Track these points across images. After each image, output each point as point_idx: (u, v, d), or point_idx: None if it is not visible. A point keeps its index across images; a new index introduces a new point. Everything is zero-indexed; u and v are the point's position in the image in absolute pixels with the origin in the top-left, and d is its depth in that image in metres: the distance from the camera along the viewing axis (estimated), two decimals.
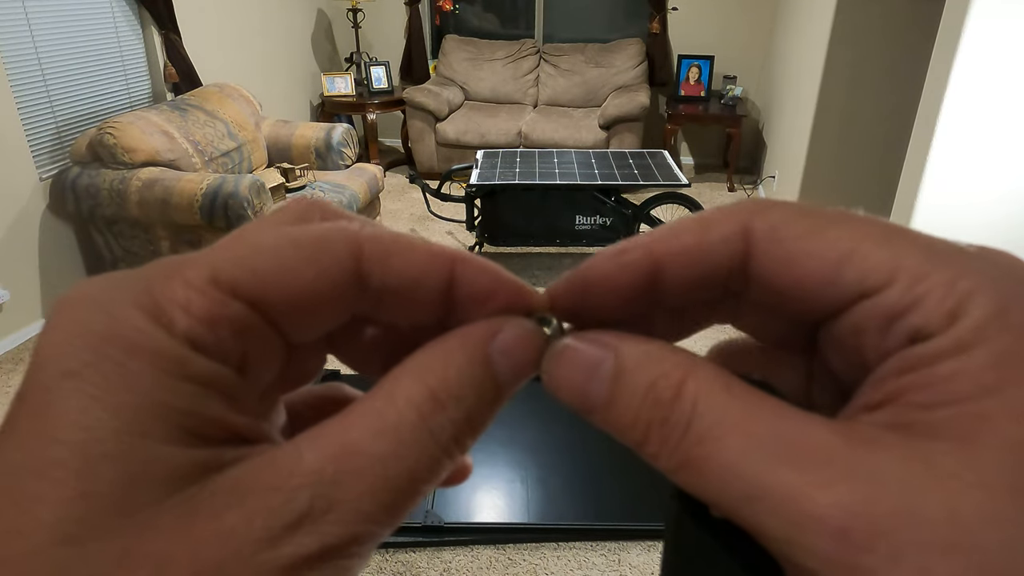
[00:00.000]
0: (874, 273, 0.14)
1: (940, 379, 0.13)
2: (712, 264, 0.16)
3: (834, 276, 0.15)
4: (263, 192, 3.07)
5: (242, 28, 4.56)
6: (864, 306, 0.15)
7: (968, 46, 1.94)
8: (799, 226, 0.16)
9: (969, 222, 2.12)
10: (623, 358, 0.16)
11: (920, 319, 0.14)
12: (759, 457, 0.13)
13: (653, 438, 0.15)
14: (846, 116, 3.59)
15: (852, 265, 0.15)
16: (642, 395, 0.15)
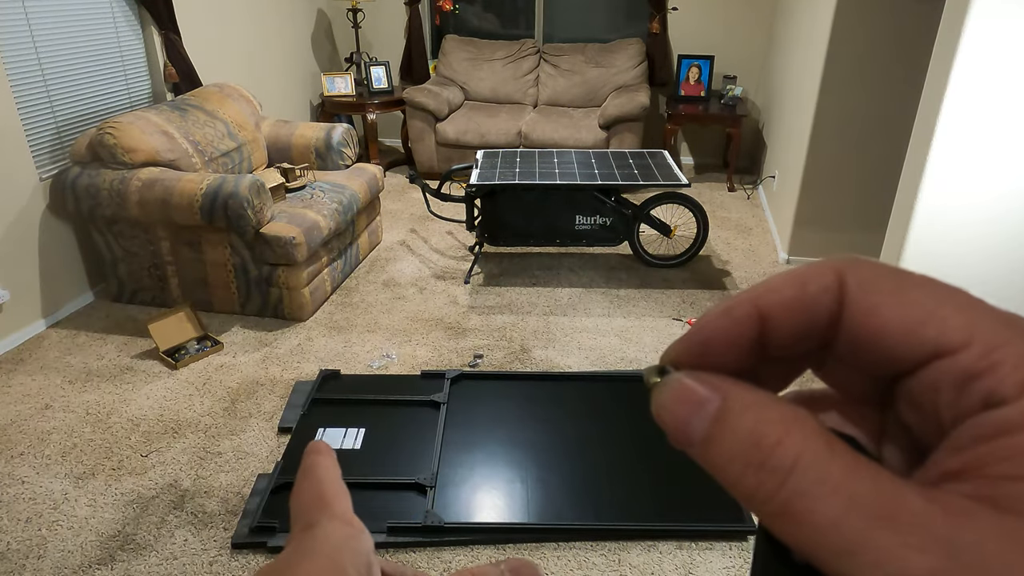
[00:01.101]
0: (953, 334, 0.16)
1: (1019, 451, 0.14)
2: (812, 315, 0.18)
3: (916, 332, 0.16)
4: (263, 192, 3.07)
5: (242, 28, 4.56)
6: (941, 364, 0.16)
7: (968, 46, 1.94)
8: (888, 283, 0.17)
9: (969, 218, 2.12)
10: (730, 400, 0.17)
11: (994, 384, 0.15)
12: (860, 517, 0.14)
13: (749, 481, 0.16)
14: (846, 116, 3.59)
15: (933, 324, 0.16)
16: (743, 438, 0.16)
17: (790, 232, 3.93)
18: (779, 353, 0.19)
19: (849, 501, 0.15)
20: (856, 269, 0.18)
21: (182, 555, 2.04)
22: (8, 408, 2.69)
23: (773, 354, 0.19)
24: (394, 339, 3.17)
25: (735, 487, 0.16)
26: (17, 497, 2.25)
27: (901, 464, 0.18)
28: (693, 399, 0.18)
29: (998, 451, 0.14)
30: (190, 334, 3.06)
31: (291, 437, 2.49)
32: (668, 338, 3.19)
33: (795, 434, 0.16)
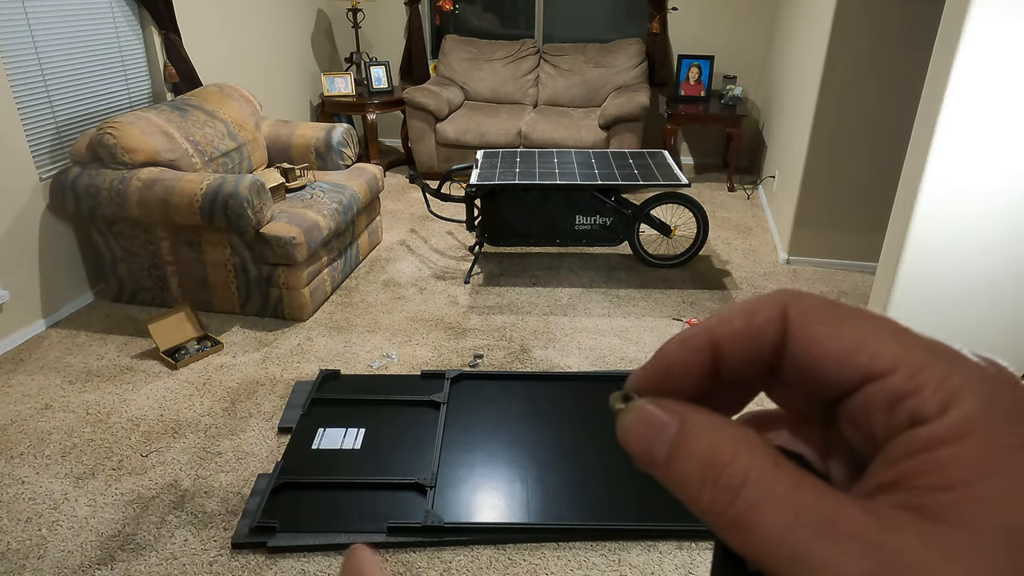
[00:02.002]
0: (882, 360, 0.18)
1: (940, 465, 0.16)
2: (759, 343, 0.20)
3: (851, 359, 0.18)
4: (263, 192, 3.07)
5: (242, 28, 4.56)
6: (873, 387, 0.18)
7: (968, 46, 1.94)
8: (826, 314, 0.19)
9: (969, 218, 2.12)
10: (687, 424, 0.19)
11: (918, 404, 0.17)
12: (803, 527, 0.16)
13: (705, 496, 0.18)
14: (846, 116, 3.59)
15: (865, 351, 0.18)
16: (699, 458, 0.18)
17: (790, 232, 3.93)
18: (731, 378, 0.21)
19: (794, 513, 0.16)
20: (798, 302, 0.20)
21: (182, 555, 2.04)
22: (8, 408, 2.69)
23: (727, 379, 0.21)
24: (394, 339, 3.17)
25: (693, 503, 0.18)
26: (17, 497, 2.25)
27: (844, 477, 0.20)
28: (654, 423, 0.20)
29: (922, 465, 0.16)
30: (190, 334, 3.06)
31: (291, 437, 2.49)
32: (668, 338, 3.19)
33: (745, 453, 0.18)
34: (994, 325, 2.23)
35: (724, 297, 3.57)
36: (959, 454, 0.16)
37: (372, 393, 2.74)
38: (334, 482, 2.27)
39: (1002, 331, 2.23)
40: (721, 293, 3.62)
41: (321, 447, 2.44)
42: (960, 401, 0.16)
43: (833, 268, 3.92)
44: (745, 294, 3.61)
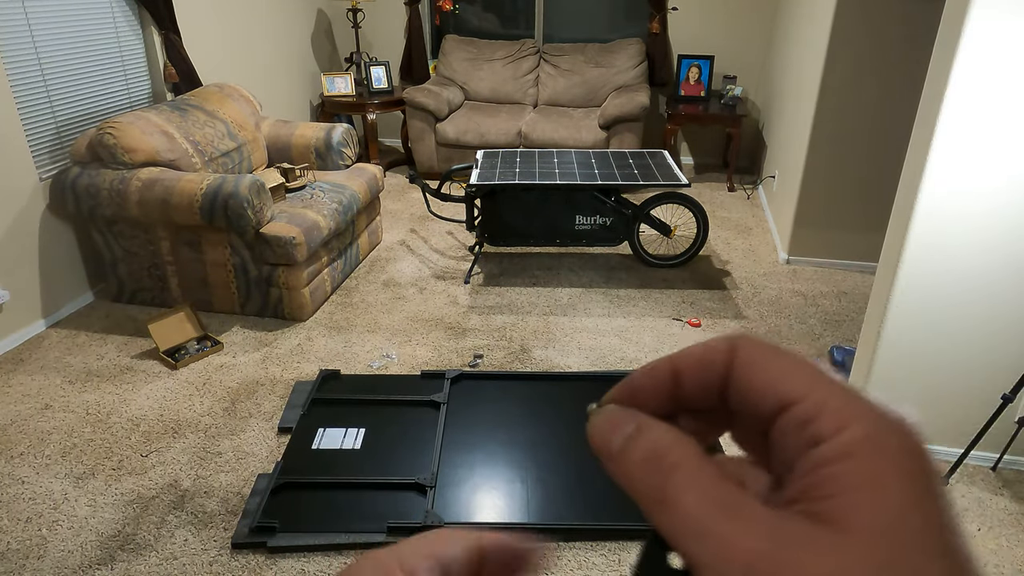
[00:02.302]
0: (796, 391, 0.21)
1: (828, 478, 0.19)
2: (710, 370, 0.23)
3: (773, 388, 0.22)
4: (263, 192, 3.07)
5: (242, 28, 4.56)
6: (787, 414, 0.21)
7: (968, 45, 1.94)
8: (764, 352, 0.23)
9: (969, 217, 2.12)
10: (642, 425, 0.23)
11: (819, 427, 0.20)
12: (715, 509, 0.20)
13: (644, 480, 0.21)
14: (846, 116, 3.59)
15: (784, 383, 0.21)
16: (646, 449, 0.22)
17: (790, 232, 3.93)
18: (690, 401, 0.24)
19: (709, 498, 0.20)
20: (745, 341, 0.23)
21: (182, 555, 2.04)
22: (8, 408, 2.69)
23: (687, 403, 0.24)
24: (394, 339, 3.17)
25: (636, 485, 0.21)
26: (17, 497, 2.25)
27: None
28: (616, 422, 0.23)
29: (816, 478, 0.19)
30: (190, 334, 3.06)
31: (291, 437, 2.49)
32: (668, 338, 3.19)
33: (680, 449, 0.22)
34: (994, 325, 2.23)
35: (724, 297, 3.57)
36: (844, 469, 0.19)
37: (372, 393, 2.74)
38: (334, 482, 2.27)
39: (1002, 331, 2.23)
40: (721, 293, 3.62)
41: (321, 447, 2.44)
42: (851, 426, 0.19)
43: (833, 268, 3.92)
44: (745, 294, 3.61)
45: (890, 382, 2.39)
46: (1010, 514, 2.23)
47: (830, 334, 3.25)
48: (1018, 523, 2.20)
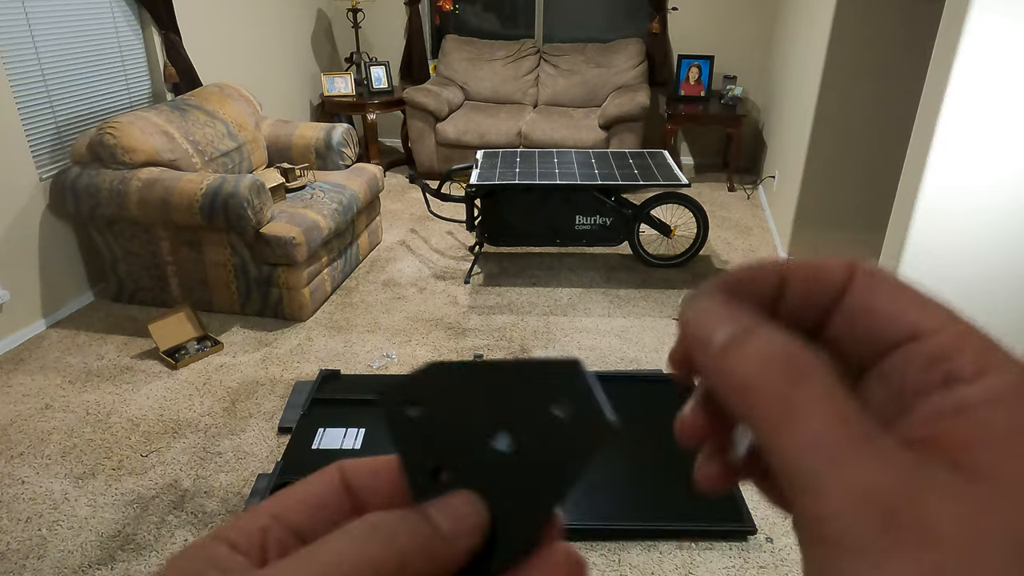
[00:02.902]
0: (928, 322, 0.19)
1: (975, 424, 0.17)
2: (823, 285, 0.21)
3: (900, 316, 0.20)
4: (263, 192, 3.07)
5: (242, 28, 4.56)
6: (915, 346, 0.19)
7: (968, 45, 1.94)
8: (887, 279, 0.21)
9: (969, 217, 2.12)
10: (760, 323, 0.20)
11: (956, 366, 0.18)
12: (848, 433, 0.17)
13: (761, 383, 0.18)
14: (846, 116, 3.59)
15: (914, 312, 0.19)
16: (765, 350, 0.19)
17: (790, 232, 3.93)
18: (788, 311, 0.22)
19: (842, 416, 0.17)
20: (866, 266, 0.21)
21: None
22: (8, 408, 2.69)
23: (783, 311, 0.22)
24: (394, 339, 3.17)
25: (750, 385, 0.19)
26: (17, 497, 2.25)
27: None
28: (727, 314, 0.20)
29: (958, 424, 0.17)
30: (190, 334, 3.06)
31: (291, 437, 2.49)
32: (668, 338, 3.19)
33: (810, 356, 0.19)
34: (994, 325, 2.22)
35: None
36: (990, 417, 0.17)
37: (372, 393, 2.74)
38: None
39: (1002, 331, 2.23)
40: None
41: (321, 447, 2.44)
42: (996, 371, 0.17)
43: None
44: None
45: None
46: None
47: None
48: None
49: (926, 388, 0.18)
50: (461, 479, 0.23)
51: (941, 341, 0.19)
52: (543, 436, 0.22)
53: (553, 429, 0.22)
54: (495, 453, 0.22)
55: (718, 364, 0.20)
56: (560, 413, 0.22)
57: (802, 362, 0.18)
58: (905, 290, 0.20)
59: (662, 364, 2.99)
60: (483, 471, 0.22)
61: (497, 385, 0.23)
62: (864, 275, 0.21)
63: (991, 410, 0.17)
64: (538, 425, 0.22)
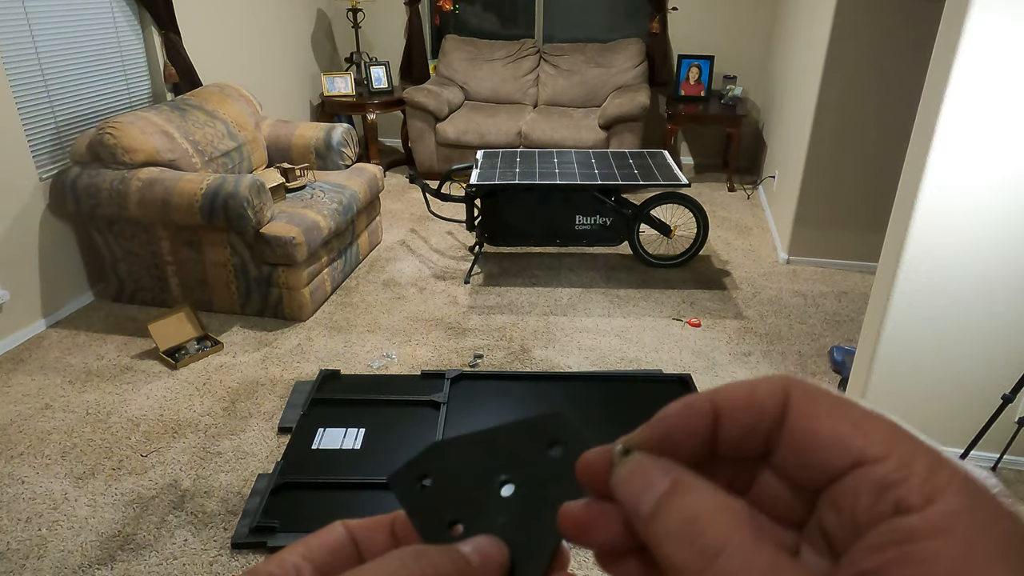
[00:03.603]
0: (874, 447, 0.18)
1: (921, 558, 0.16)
2: (759, 415, 0.21)
3: (844, 441, 0.19)
4: (263, 192, 3.07)
5: (242, 28, 4.56)
6: (862, 472, 0.18)
7: (968, 45, 1.94)
8: (824, 398, 0.20)
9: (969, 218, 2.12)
10: (678, 483, 0.20)
11: (905, 493, 0.17)
12: None
13: (679, 556, 0.18)
14: (846, 116, 3.59)
15: (858, 436, 0.19)
16: (682, 517, 0.19)
17: (790, 232, 3.93)
18: (728, 449, 0.22)
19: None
20: (800, 384, 0.21)
21: (182, 555, 2.04)
22: (8, 408, 2.69)
23: (723, 451, 0.22)
24: (394, 339, 3.17)
25: (668, 559, 0.19)
26: (17, 497, 2.25)
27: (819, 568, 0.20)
28: (648, 476, 0.21)
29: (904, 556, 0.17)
30: (190, 334, 3.06)
31: (291, 437, 2.49)
32: (668, 338, 3.19)
33: (727, 520, 0.18)
34: (994, 325, 2.23)
35: (724, 297, 3.57)
36: (941, 549, 0.16)
37: (372, 393, 2.74)
38: (334, 482, 2.27)
39: (1002, 330, 2.23)
40: (721, 293, 3.62)
41: (321, 447, 2.44)
42: (945, 497, 0.17)
43: (833, 268, 3.92)
44: (745, 294, 3.61)
45: (890, 382, 2.39)
46: None
47: (830, 334, 3.26)
48: None
49: (877, 517, 0.18)
50: (476, 528, 0.25)
51: (887, 469, 0.18)
52: (543, 477, 0.25)
53: (551, 469, 0.25)
54: (503, 500, 0.25)
55: (646, 532, 0.20)
56: (555, 455, 0.25)
57: (718, 532, 0.18)
58: (844, 409, 0.20)
59: (662, 364, 2.99)
60: (494, 518, 0.25)
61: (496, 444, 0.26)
62: (800, 397, 0.20)
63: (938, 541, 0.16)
64: (537, 468, 0.25)
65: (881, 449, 0.18)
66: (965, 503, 0.17)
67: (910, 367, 2.35)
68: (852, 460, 0.19)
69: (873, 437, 0.19)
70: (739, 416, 0.21)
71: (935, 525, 0.17)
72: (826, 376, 2.94)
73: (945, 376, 2.34)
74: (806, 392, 0.20)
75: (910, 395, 2.40)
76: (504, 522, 0.25)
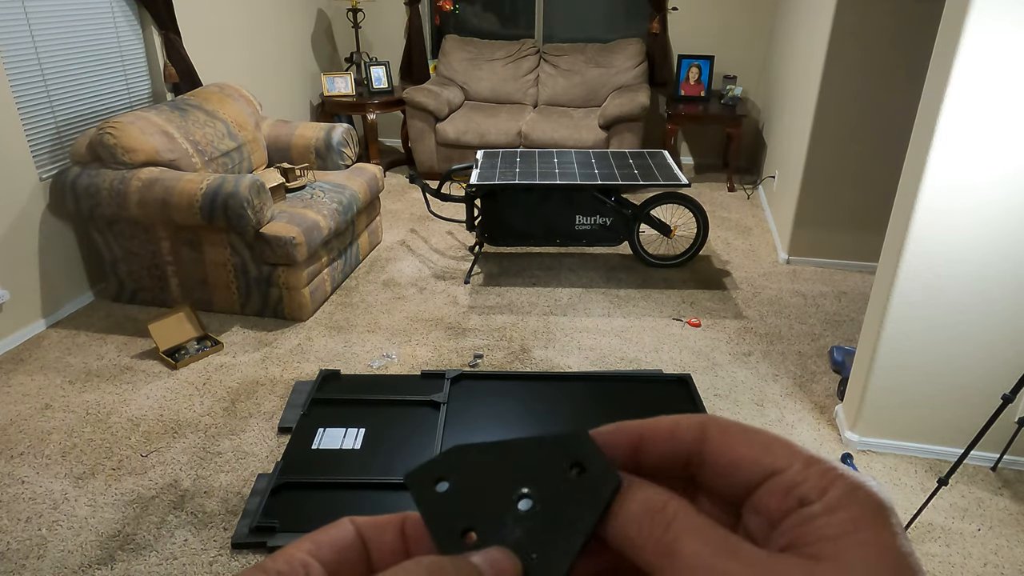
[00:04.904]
0: (781, 461, 0.24)
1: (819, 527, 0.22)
2: (678, 445, 0.26)
3: (759, 460, 0.25)
4: (263, 192, 3.07)
5: (242, 28, 4.56)
6: (774, 480, 0.24)
7: (968, 45, 1.94)
8: (739, 430, 0.26)
9: (969, 218, 2.12)
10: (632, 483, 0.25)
11: (805, 490, 0.23)
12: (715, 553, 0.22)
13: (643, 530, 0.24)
14: (846, 116, 3.59)
15: (768, 455, 0.25)
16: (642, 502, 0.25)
17: (790, 232, 3.93)
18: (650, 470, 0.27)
19: (709, 543, 0.23)
20: (716, 421, 0.26)
21: (182, 555, 2.04)
22: (8, 408, 2.69)
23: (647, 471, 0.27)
24: (394, 339, 3.17)
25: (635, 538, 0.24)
26: (17, 497, 2.25)
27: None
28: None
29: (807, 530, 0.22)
30: (190, 334, 3.06)
31: (291, 437, 2.49)
32: (668, 338, 3.19)
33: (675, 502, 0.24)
34: (994, 325, 2.23)
35: (724, 297, 3.57)
36: (833, 521, 0.22)
37: (372, 393, 2.74)
38: (334, 482, 2.27)
39: (1002, 330, 2.23)
40: (721, 293, 3.62)
41: (321, 447, 2.44)
42: (832, 488, 0.23)
43: (833, 268, 3.92)
44: (745, 294, 3.61)
45: (890, 382, 2.39)
46: (1010, 514, 2.23)
47: (830, 334, 3.26)
48: (1018, 523, 2.20)
49: (787, 511, 0.23)
50: (490, 539, 0.26)
51: (792, 475, 0.24)
52: (562, 495, 0.26)
53: (569, 488, 0.26)
54: (520, 514, 0.26)
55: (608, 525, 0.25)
56: (575, 474, 0.26)
57: (670, 508, 0.24)
58: (754, 436, 0.25)
59: (662, 364, 2.99)
60: (510, 531, 0.26)
61: (517, 456, 0.27)
62: (716, 432, 0.26)
63: (829, 516, 0.22)
64: (556, 486, 0.26)
65: (785, 462, 0.24)
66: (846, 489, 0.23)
67: (910, 367, 2.35)
68: (765, 473, 0.24)
69: (778, 454, 0.25)
70: (660, 444, 0.27)
71: (826, 506, 0.23)
72: (826, 376, 2.94)
73: (945, 376, 2.34)
74: (720, 427, 0.26)
75: (910, 395, 2.40)
76: (519, 537, 0.25)
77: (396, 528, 0.28)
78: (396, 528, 0.28)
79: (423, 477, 0.27)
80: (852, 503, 0.23)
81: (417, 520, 0.27)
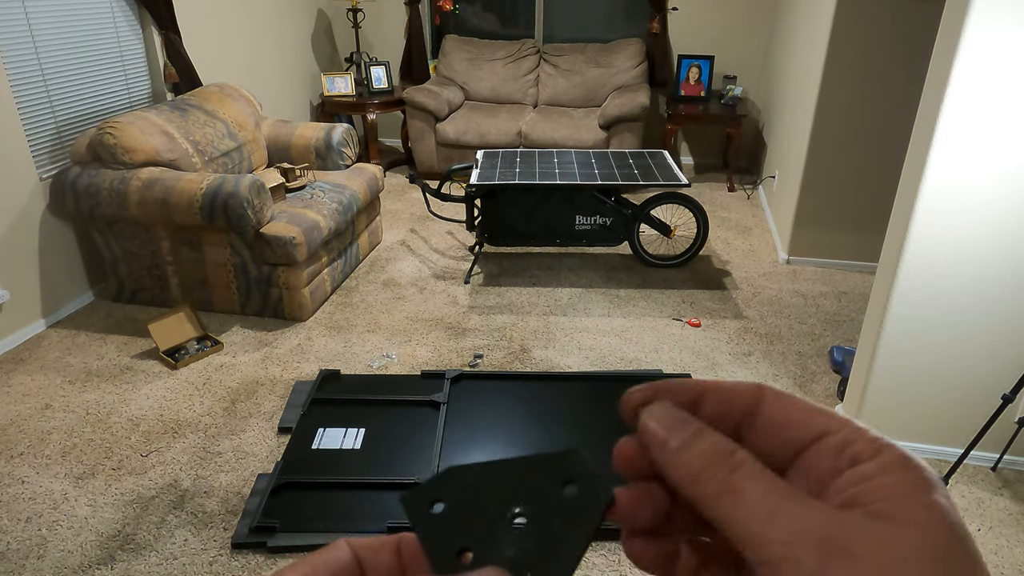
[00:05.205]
0: (831, 423, 0.26)
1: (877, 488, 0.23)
2: (735, 403, 0.28)
3: (810, 422, 0.26)
4: (263, 192, 3.07)
5: (242, 28, 4.56)
6: (825, 441, 0.25)
7: (968, 45, 1.94)
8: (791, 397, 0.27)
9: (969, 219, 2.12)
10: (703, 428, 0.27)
11: (858, 450, 0.24)
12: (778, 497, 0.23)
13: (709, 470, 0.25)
14: (846, 116, 3.59)
15: (819, 418, 0.26)
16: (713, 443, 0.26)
17: (790, 232, 3.93)
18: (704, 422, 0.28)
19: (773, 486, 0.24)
20: (771, 388, 0.28)
21: (182, 555, 2.04)
22: (8, 408, 2.69)
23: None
24: (394, 339, 3.17)
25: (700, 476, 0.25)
26: (17, 497, 2.25)
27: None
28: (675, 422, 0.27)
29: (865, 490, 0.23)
30: (190, 334, 3.06)
31: (291, 437, 2.49)
32: (668, 338, 3.19)
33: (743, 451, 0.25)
34: (994, 325, 2.23)
35: (724, 297, 3.57)
36: (888, 482, 0.23)
37: (372, 393, 2.74)
38: (334, 482, 2.27)
39: (1002, 330, 2.23)
40: (721, 293, 3.62)
41: (321, 447, 2.44)
42: (886, 451, 0.24)
43: (833, 268, 3.92)
44: (745, 294, 3.61)
45: (890, 382, 2.39)
46: (1010, 514, 2.23)
47: (830, 334, 3.26)
48: (1018, 523, 2.20)
49: (838, 470, 0.24)
50: (485, 558, 0.26)
51: (844, 435, 0.25)
52: (555, 513, 0.26)
53: (563, 506, 0.26)
54: (515, 533, 0.26)
55: (674, 460, 0.26)
56: (569, 493, 0.27)
57: (737, 456, 0.25)
58: (806, 403, 0.27)
59: (662, 364, 2.99)
60: (505, 550, 0.26)
61: (511, 476, 0.28)
62: (772, 395, 0.27)
63: (887, 476, 0.23)
64: (551, 505, 0.26)
65: (837, 424, 0.25)
66: (898, 455, 0.24)
67: (910, 367, 2.35)
68: (817, 433, 0.25)
69: (829, 417, 0.26)
70: (718, 399, 0.28)
71: (883, 467, 0.23)
72: (826, 376, 2.94)
73: (945, 376, 2.34)
74: (776, 392, 0.28)
75: (910, 395, 2.40)
76: (514, 555, 0.26)
77: (392, 549, 0.28)
78: (392, 549, 0.28)
79: (418, 499, 0.28)
80: (905, 469, 0.23)
81: (413, 541, 0.28)
